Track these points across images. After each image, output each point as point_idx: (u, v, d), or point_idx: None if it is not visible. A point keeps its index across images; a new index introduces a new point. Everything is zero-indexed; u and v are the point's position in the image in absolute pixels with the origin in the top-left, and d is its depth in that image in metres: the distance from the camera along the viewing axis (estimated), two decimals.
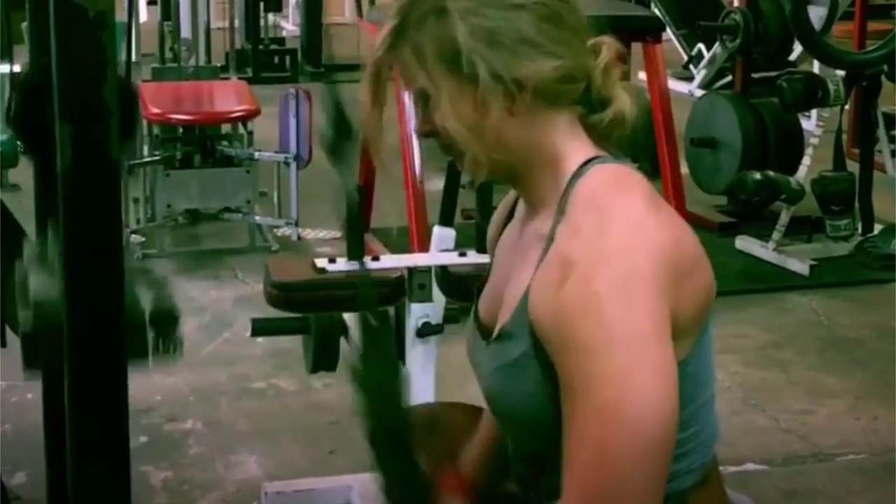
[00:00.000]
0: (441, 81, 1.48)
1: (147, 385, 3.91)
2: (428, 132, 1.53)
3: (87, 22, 1.37)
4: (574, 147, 1.51)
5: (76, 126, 1.38)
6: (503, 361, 1.50)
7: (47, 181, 1.60)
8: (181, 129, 5.34)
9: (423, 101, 1.51)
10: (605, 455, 1.36)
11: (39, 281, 1.64)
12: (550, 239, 1.46)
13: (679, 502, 1.51)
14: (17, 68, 3.47)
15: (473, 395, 1.75)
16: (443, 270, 2.87)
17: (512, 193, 1.70)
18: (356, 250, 2.94)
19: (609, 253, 1.39)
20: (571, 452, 1.39)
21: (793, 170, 5.26)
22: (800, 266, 5.08)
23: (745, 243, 5.33)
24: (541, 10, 1.48)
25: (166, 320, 1.63)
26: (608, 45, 1.54)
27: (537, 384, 1.45)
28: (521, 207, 1.63)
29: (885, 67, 5.15)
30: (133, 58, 5.41)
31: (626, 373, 1.36)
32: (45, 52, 1.53)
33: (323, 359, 3.27)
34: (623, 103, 1.53)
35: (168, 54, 6.50)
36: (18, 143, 4.42)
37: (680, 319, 1.42)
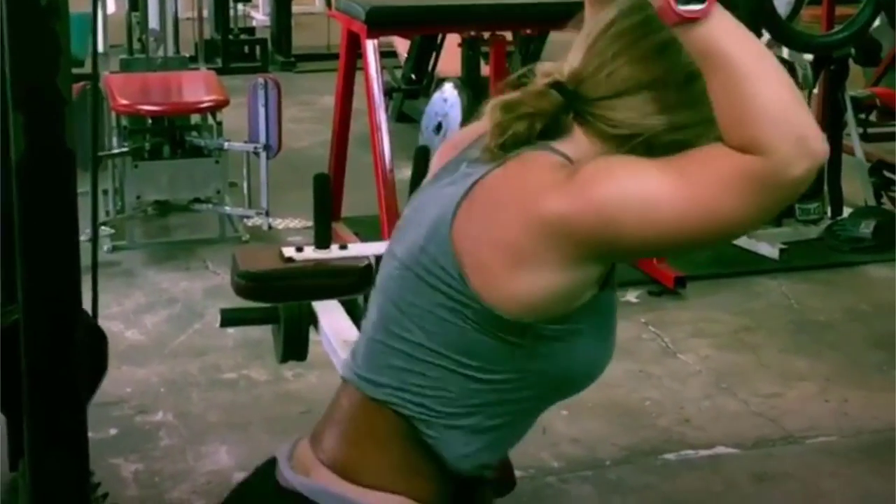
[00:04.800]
0: None
1: (117, 377, 3.89)
2: None
3: (39, 11, 1.34)
4: None
5: (29, 116, 1.36)
6: None
7: None
8: (150, 120, 5.32)
9: None
10: None
11: None
12: None
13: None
14: None
15: None
16: None
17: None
18: (323, 239, 2.93)
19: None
20: None
21: None
22: (769, 250, 5.10)
23: None
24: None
25: None
26: None
27: None
28: None
29: (853, 51, 5.17)
30: (100, 49, 5.41)
31: None
32: None
33: (292, 348, 3.26)
34: None
35: (136, 45, 6.48)
36: None
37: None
